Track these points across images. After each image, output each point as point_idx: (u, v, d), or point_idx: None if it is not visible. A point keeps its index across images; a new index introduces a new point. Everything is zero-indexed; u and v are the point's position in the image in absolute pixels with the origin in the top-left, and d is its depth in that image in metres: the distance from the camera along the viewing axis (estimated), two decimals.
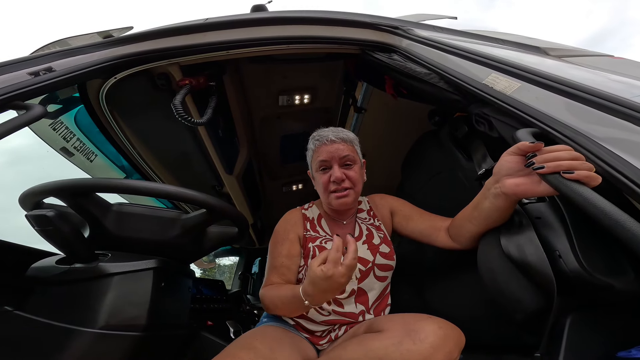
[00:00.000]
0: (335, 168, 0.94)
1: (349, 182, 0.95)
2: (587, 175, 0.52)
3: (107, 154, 1.56)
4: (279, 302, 0.83)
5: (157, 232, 0.85)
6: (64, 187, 0.72)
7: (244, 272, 3.44)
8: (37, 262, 0.76)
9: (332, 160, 0.95)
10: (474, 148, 1.01)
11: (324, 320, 0.92)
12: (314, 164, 1.00)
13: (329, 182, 0.95)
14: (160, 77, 1.23)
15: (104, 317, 0.68)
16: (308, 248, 0.96)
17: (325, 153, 0.95)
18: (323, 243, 0.96)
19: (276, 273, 0.95)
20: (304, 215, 1.05)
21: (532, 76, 0.75)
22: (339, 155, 0.95)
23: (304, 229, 1.00)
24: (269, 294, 0.88)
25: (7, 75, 0.78)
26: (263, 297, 0.90)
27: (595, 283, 0.56)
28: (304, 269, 0.96)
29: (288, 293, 0.80)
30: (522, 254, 0.62)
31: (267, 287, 0.92)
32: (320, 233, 1.00)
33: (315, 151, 0.99)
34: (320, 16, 1.17)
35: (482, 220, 0.75)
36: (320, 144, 0.97)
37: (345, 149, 0.95)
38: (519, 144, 0.62)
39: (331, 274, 0.65)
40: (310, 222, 1.03)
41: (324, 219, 1.04)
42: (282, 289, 0.85)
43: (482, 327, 0.81)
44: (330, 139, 0.96)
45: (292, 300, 0.78)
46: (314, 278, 0.68)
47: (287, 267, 0.95)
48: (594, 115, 0.62)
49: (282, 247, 0.97)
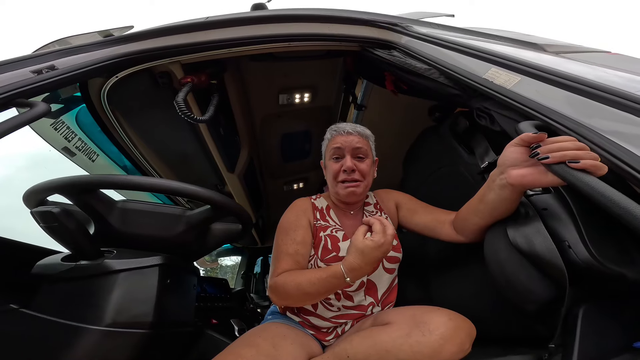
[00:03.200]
0: (347, 158, 0.96)
1: (359, 175, 0.96)
2: (593, 164, 0.52)
3: (109, 153, 1.56)
4: (308, 285, 0.78)
5: (161, 229, 0.85)
6: (69, 184, 0.72)
7: (246, 272, 3.44)
8: (42, 260, 0.76)
9: (345, 149, 0.97)
10: (476, 142, 1.01)
11: (333, 316, 0.92)
12: (328, 152, 1.01)
13: (339, 171, 0.97)
14: (162, 75, 1.23)
15: (111, 314, 0.68)
16: (319, 237, 0.95)
17: (340, 141, 0.98)
18: (334, 232, 0.96)
19: (290, 260, 0.89)
20: (313, 204, 1.05)
21: (532, 70, 0.76)
22: (353, 145, 0.97)
23: (314, 218, 1.00)
24: (291, 279, 0.81)
25: (10, 73, 0.78)
26: (283, 285, 0.82)
27: (607, 273, 0.55)
28: (313, 258, 0.94)
29: (321, 274, 0.77)
30: (531, 245, 0.62)
31: (284, 274, 0.84)
32: (330, 222, 1.00)
33: (331, 140, 1.01)
34: (319, 14, 1.17)
35: (488, 212, 0.75)
36: (337, 134, 0.99)
37: (359, 142, 0.98)
38: (523, 135, 0.62)
39: (383, 241, 0.71)
40: (320, 212, 1.03)
41: (332, 210, 1.04)
42: (309, 273, 0.81)
43: (490, 320, 0.81)
44: (347, 131, 0.99)
45: (328, 280, 0.76)
46: (364, 249, 0.72)
47: (302, 254, 0.91)
48: (596, 108, 0.62)
49: (295, 233, 0.94)
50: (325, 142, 1.06)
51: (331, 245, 0.92)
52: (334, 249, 0.91)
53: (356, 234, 0.75)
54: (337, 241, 0.93)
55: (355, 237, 0.75)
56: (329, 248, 0.92)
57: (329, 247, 0.92)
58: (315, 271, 0.80)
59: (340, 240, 0.94)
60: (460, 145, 1.09)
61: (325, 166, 1.05)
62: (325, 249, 0.92)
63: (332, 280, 0.75)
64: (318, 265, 0.92)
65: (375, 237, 0.72)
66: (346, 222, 1.03)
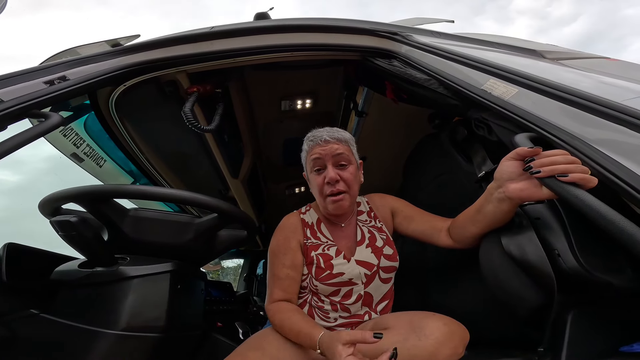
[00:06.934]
0: (329, 168, 0.91)
1: (344, 185, 0.92)
2: (581, 177, 0.55)
3: (116, 159, 1.60)
4: (289, 328, 0.82)
5: (172, 236, 0.88)
6: (86, 193, 0.75)
7: (249, 274, 3.47)
8: (60, 266, 0.79)
9: (325, 159, 0.92)
10: (474, 151, 1.03)
11: (331, 326, 0.93)
12: (308, 165, 0.97)
13: (323, 184, 0.92)
14: (169, 84, 1.27)
15: (126, 318, 0.72)
16: (311, 257, 0.93)
17: (318, 151, 0.92)
18: (326, 250, 0.94)
19: (280, 286, 0.92)
20: (302, 221, 1.01)
21: (529, 82, 0.78)
22: (332, 153, 0.91)
23: (304, 237, 0.97)
24: (278, 317, 0.86)
25: (23, 84, 0.81)
26: (272, 317, 0.88)
27: (594, 280, 0.59)
28: (308, 277, 0.94)
29: (303, 328, 0.79)
30: (523, 253, 0.65)
31: (275, 304, 0.89)
32: (322, 239, 0.97)
33: (309, 151, 0.95)
34: (321, 24, 1.19)
35: (485, 223, 0.77)
36: (314, 145, 0.93)
37: (339, 148, 0.92)
38: (518, 150, 0.65)
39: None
40: (310, 228, 0.99)
41: (324, 224, 1.01)
42: (296, 318, 0.83)
43: (485, 324, 0.84)
44: (324, 139, 0.92)
45: (301, 339, 0.78)
46: (337, 358, 0.65)
47: (292, 278, 0.93)
48: (588, 119, 0.65)
49: (284, 257, 0.93)
50: (303, 154, 1.00)
51: (324, 264, 0.91)
52: (327, 267, 0.90)
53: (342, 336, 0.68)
54: (330, 259, 0.92)
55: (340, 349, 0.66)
56: (322, 267, 0.91)
57: (322, 266, 0.91)
58: (302, 323, 0.81)
59: (334, 256, 0.92)
60: (459, 153, 1.11)
61: (308, 179, 1.01)
62: (318, 267, 0.91)
63: (306, 341, 0.77)
64: (314, 284, 0.92)
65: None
66: (338, 234, 0.99)
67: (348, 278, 0.90)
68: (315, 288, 0.92)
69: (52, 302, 0.72)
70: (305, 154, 0.98)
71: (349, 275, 0.90)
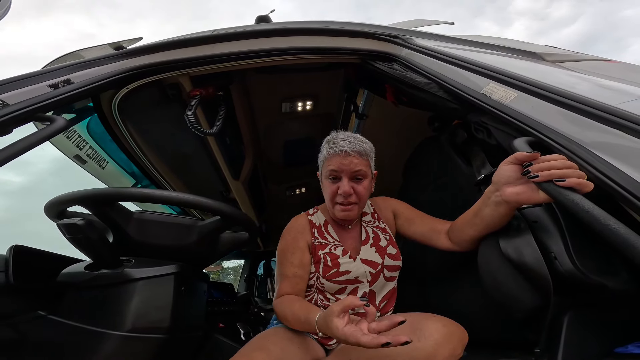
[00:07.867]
0: (344, 181, 0.92)
1: (356, 197, 0.93)
2: (578, 182, 0.56)
3: (118, 161, 1.61)
4: (291, 318, 0.85)
5: (175, 238, 0.89)
6: (91, 196, 0.76)
7: (249, 275, 3.48)
8: (67, 268, 0.80)
9: (342, 173, 0.92)
10: (474, 154, 1.05)
11: None
12: (324, 171, 0.97)
13: (336, 193, 0.94)
14: (171, 87, 1.27)
15: (131, 320, 0.73)
16: (318, 255, 0.96)
17: (337, 164, 0.92)
18: (333, 249, 0.97)
19: (289, 283, 0.95)
20: (310, 222, 1.04)
21: (528, 86, 0.79)
22: (351, 169, 0.91)
23: (312, 236, 1.00)
24: (282, 308, 0.89)
25: (28, 88, 0.82)
26: (277, 311, 0.91)
27: (589, 283, 0.60)
28: (315, 275, 0.97)
29: (301, 315, 0.81)
30: (520, 256, 0.67)
31: (279, 299, 0.93)
32: (329, 239, 1.01)
33: (328, 159, 0.94)
34: (321, 27, 1.20)
35: (483, 226, 0.79)
36: (334, 154, 0.92)
37: (358, 164, 0.91)
38: (516, 154, 0.66)
39: (346, 339, 0.64)
40: (318, 229, 1.03)
41: (331, 225, 1.04)
42: (296, 307, 0.85)
43: (484, 325, 0.85)
44: (345, 151, 0.90)
45: (304, 323, 0.80)
46: (334, 331, 0.65)
47: (300, 276, 0.96)
48: (585, 123, 0.66)
49: (293, 256, 0.97)
50: (321, 157, 0.99)
51: (331, 262, 0.94)
52: (334, 266, 0.94)
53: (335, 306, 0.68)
54: (337, 257, 0.95)
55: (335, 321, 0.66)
56: (329, 265, 0.94)
57: (329, 264, 0.94)
58: (302, 309, 0.82)
59: (340, 256, 0.95)
60: (459, 156, 1.12)
61: (321, 180, 1.02)
62: (325, 266, 0.94)
63: (306, 326, 0.80)
64: (320, 282, 0.95)
65: (349, 332, 0.63)
66: (345, 235, 1.03)
67: (354, 276, 0.92)
68: (322, 286, 0.94)
69: (59, 304, 0.73)
70: (323, 158, 0.97)
71: (355, 274, 0.92)
